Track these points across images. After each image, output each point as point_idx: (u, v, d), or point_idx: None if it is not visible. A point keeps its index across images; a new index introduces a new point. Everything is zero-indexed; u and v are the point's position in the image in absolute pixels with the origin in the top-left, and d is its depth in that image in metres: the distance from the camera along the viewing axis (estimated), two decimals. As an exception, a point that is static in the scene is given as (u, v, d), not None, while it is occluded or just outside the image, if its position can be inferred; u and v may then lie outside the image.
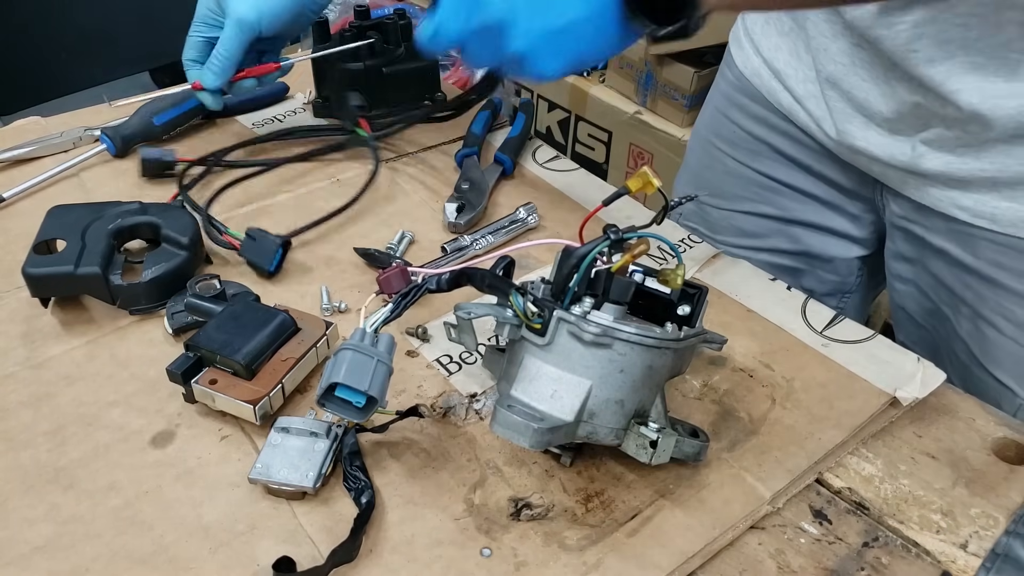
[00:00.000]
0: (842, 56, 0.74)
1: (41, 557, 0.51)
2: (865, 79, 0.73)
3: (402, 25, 0.97)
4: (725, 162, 0.93)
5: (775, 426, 0.61)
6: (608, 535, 0.53)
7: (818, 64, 0.78)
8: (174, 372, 0.59)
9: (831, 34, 0.75)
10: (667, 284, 0.54)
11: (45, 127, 0.94)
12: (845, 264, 0.92)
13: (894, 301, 0.89)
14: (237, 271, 0.74)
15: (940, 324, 0.82)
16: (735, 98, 0.91)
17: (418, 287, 0.57)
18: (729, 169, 0.93)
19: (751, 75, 0.88)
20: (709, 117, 0.97)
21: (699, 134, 1.00)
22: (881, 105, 0.73)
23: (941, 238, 0.77)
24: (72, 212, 0.72)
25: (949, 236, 0.76)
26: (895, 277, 0.87)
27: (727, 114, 0.92)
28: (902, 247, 0.84)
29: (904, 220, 0.81)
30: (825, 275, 0.93)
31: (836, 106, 0.77)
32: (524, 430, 0.49)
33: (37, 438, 0.58)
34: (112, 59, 1.47)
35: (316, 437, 0.56)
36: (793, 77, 0.82)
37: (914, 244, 0.82)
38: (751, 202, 0.93)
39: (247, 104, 0.99)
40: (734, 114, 0.91)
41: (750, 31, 0.88)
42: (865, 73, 0.73)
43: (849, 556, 0.53)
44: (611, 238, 0.53)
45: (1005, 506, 0.56)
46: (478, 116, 0.95)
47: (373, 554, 0.52)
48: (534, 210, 0.80)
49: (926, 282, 0.82)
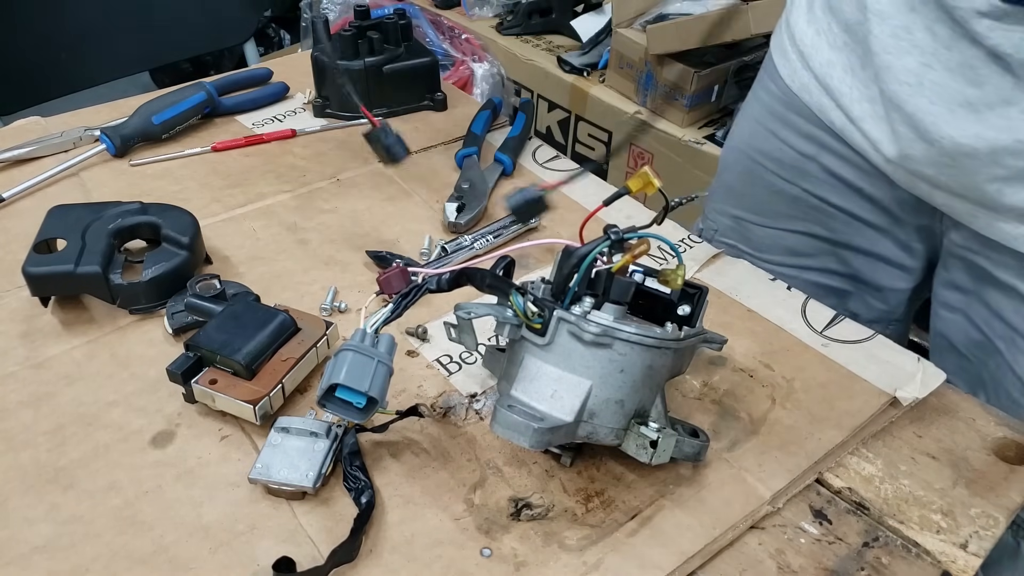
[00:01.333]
0: (908, 75, 0.67)
1: (41, 557, 0.51)
2: (934, 102, 0.67)
3: (402, 25, 0.97)
4: (770, 180, 0.88)
5: (775, 426, 0.61)
6: (608, 535, 0.53)
7: (880, 83, 0.71)
8: (174, 372, 0.59)
9: (897, 51, 0.68)
10: (667, 284, 0.54)
11: (45, 127, 0.94)
12: (894, 295, 0.88)
13: (936, 328, 0.85)
14: (237, 271, 0.74)
15: (989, 357, 0.78)
16: (781, 113, 0.85)
17: (418, 287, 0.57)
18: (774, 187, 0.88)
19: (799, 90, 0.82)
20: (749, 131, 0.91)
21: (737, 148, 0.93)
22: (952, 131, 0.66)
23: (1009, 273, 0.72)
24: (72, 212, 0.72)
25: (1020, 272, 0.71)
26: (942, 304, 0.82)
27: (771, 129, 0.86)
28: (957, 276, 0.79)
29: (965, 250, 0.76)
30: (873, 302, 0.90)
31: (899, 130, 0.71)
32: (524, 430, 0.49)
33: (37, 438, 0.58)
34: (112, 59, 1.47)
35: (316, 437, 0.56)
36: (848, 96, 0.76)
37: (973, 275, 0.77)
38: (799, 221, 0.88)
39: (247, 104, 0.99)
40: (780, 130, 0.85)
41: (798, 43, 0.81)
42: (934, 96, 0.66)
43: (849, 556, 0.53)
44: (611, 238, 0.53)
45: (1005, 506, 0.56)
46: (478, 116, 0.95)
47: (373, 554, 0.52)
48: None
49: (979, 314, 0.77)
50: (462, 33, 1.88)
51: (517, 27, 1.90)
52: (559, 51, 1.83)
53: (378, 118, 0.81)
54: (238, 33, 1.59)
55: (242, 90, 1.01)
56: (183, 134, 0.94)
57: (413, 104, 1.00)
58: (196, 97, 0.93)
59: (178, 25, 1.50)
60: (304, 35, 2.07)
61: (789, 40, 0.83)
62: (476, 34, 1.90)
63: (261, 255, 0.76)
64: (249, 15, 1.61)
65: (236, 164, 0.90)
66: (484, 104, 0.98)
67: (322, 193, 0.85)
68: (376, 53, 0.95)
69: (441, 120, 0.99)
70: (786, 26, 0.84)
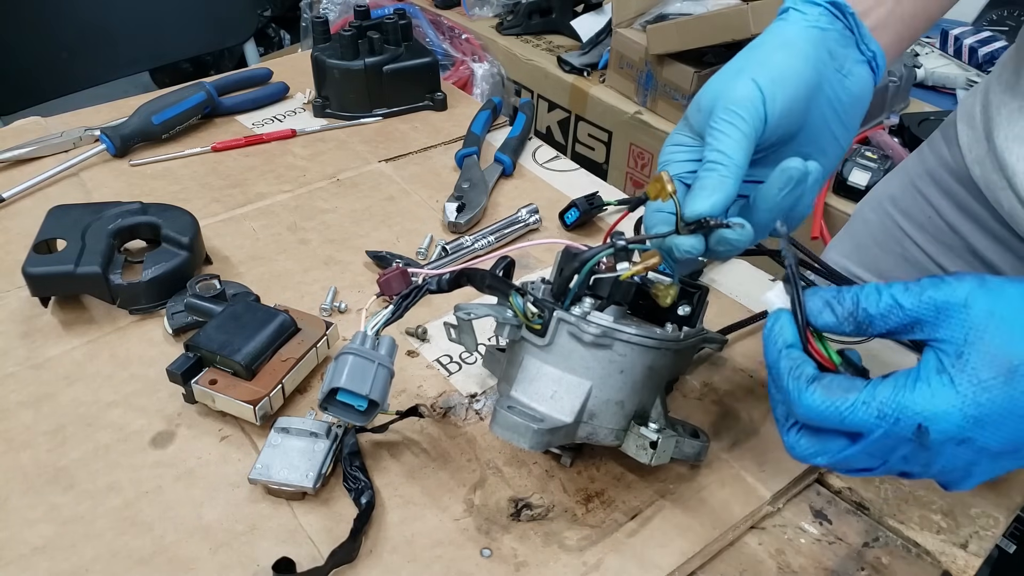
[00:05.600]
0: None
1: (41, 557, 0.51)
2: None
3: (402, 25, 0.97)
4: (905, 245, 0.80)
5: (775, 426, 0.61)
6: (608, 535, 0.53)
7: None
8: (174, 372, 0.59)
9: None
10: (657, 300, 0.53)
11: (45, 127, 0.94)
12: None
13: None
14: (237, 271, 0.74)
15: None
16: (942, 178, 0.77)
17: (418, 288, 0.57)
18: (908, 255, 0.80)
19: (972, 161, 0.73)
20: (899, 188, 0.83)
21: (878, 203, 0.85)
22: None
23: None
24: (72, 212, 0.72)
25: None
26: None
27: (925, 193, 0.79)
28: None
29: None
30: None
31: None
32: (524, 431, 0.49)
33: (37, 438, 0.58)
34: (112, 59, 1.47)
35: (316, 437, 0.56)
36: (1022, 176, 0.67)
37: None
38: None
39: (247, 104, 0.99)
40: (935, 196, 0.77)
41: (989, 109, 0.71)
42: None
43: (849, 556, 0.53)
44: (615, 246, 0.52)
45: (1005, 506, 0.56)
46: (478, 116, 0.95)
47: (373, 554, 0.52)
48: (535, 211, 0.80)
49: None
50: (462, 33, 1.88)
51: (517, 27, 1.90)
52: (559, 51, 1.83)
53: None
54: (238, 33, 1.59)
55: (242, 90, 1.01)
56: (183, 134, 0.94)
57: (413, 104, 1.00)
58: (196, 97, 0.93)
59: (178, 25, 1.50)
60: (304, 35, 2.07)
61: (982, 107, 0.73)
62: (476, 34, 1.90)
63: (261, 255, 0.76)
64: (249, 15, 1.61)
65: (236, 164, 0.90)
66: (484, 104, 0.98)
67: (322, 193, 0.85)
68: (376, 53, 0.95)
69: (441, 120, 0.99)
70: (983, 91, 0.75)
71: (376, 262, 0.75)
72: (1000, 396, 0.39)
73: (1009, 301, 0.40)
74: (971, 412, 0.39)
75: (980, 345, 0.39)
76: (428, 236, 0.78)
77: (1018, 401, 0.39)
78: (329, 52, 0.96)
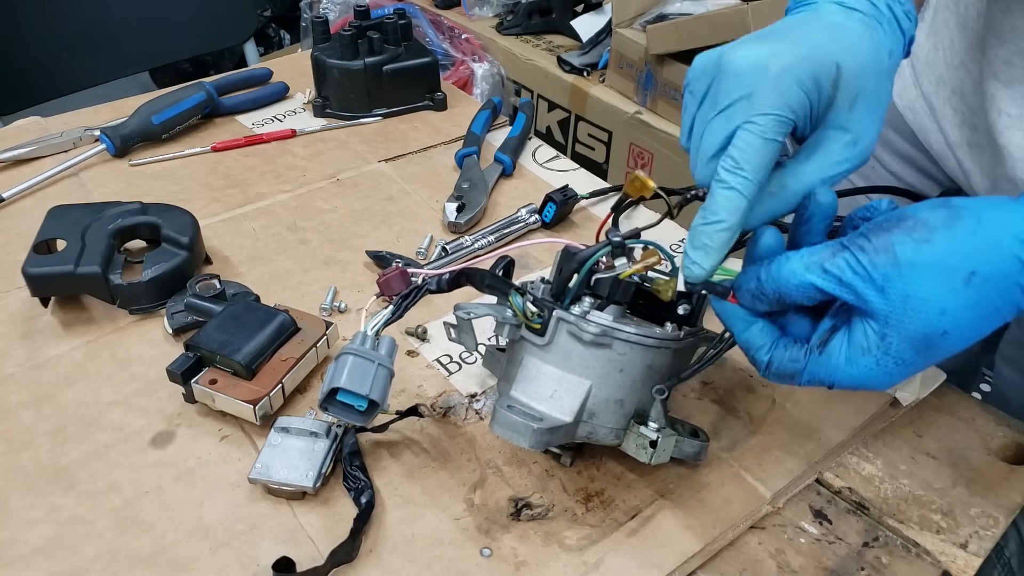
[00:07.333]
0: (1011, 105, 0.62)
1: (41, 558, 0.51)
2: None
3: (402, 25, 0.97)
4: (857, 200, 0.80)
5: (775, 426, 0.61)
6: (608, 535, 0.53)
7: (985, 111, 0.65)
8: (174, 372, 0.59)
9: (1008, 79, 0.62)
10: (659, 295, 0.53)
11: (45, 127, 0.94)
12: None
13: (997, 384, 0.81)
14: (237, 271, 0.74)
15: None
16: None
17: (418, 288, 0.57)
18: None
19: (904, 107, 0.77)
20: None
21: None
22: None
23: None
24: (72, 212, 0.72)
25: None
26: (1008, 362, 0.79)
27: None
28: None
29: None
30: None
31: (988, 161, 0.66)
32: (523, 430, 0.49)
33: (37, 438, 0.58)
34: (112, 59, 1.47)
35: (316, 437, 0.56)
36: (951, 118, 0.70)
37: None
38: None
39: (247, 104, 0.99)
40: (876, 148, 0.78)
41: (912, 57, 0.75)
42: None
43: (849, 556, 0.53)
44: (611, 243, 0.53)
45: (1005, 506, 0.56)
46: (478, 116, 0.95)
47: (373, 554, 0.52)
48: (535, 211, 0.80)
49: None
50: (462, 33, 1.88)
51: (517, 27, 1.90)
52: (559, 51, 1.83)
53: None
54: (238, 33, 1.59)
55: (242, 90, 1.01)
56: (183, 134, 0.94)
57: (413, 104, 1.00)
58: (196, 97, 0.93)
59: (178, 25, 1.50)
60: (304, 35, 2.07)
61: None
62: (476, 34, 1.90)
63: (261, 255, 0.76)
64: (249, 15, 1.61)
65: (236, 164, 0.90)
66: (484, 104, 0.98)
67: (322, 193, 0.85)
68: (376, 53, 0.95)
69: (441, 120, 0.99)
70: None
71: (376, 262, 0.75)
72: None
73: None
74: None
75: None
76: (428, 236, 0.79)
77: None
78: (329, 52, 0.96)
